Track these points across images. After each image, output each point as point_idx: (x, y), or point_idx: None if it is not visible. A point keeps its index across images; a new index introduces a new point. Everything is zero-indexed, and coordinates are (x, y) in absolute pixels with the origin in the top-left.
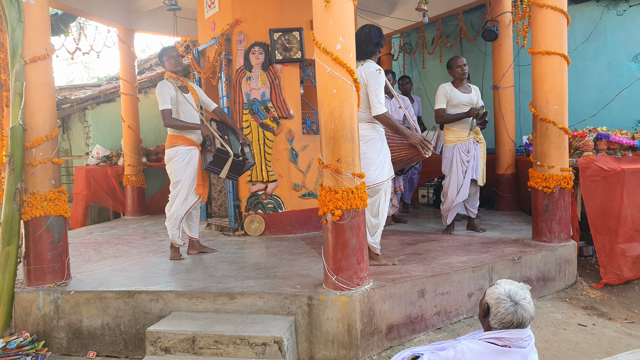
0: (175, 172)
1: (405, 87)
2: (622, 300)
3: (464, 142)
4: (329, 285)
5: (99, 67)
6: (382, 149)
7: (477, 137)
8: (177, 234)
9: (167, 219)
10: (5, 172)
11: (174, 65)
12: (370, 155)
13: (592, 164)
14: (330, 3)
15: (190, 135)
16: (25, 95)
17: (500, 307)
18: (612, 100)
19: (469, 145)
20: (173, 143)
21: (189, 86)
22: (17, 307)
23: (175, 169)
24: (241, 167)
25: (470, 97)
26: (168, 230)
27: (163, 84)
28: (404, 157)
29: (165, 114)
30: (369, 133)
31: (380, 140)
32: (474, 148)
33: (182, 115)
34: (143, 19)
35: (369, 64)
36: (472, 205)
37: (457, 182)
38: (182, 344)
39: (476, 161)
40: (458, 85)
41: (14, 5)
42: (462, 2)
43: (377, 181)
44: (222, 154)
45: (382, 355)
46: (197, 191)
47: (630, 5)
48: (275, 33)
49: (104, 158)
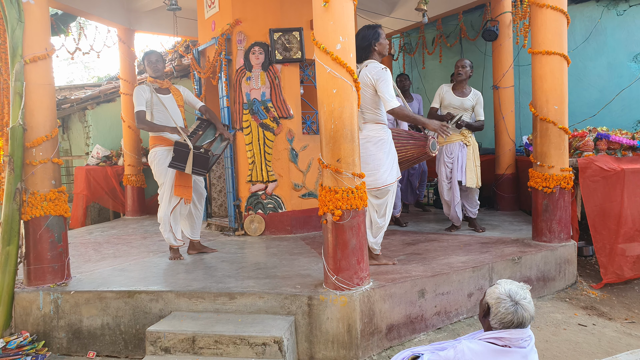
0: (157, 174)
1: (403, 83)
2: (622, 300)
3: (449, 143)
4: (329, 285)
5: (99, 67)
6: (391, 150)
7: (465, 140)
8: (171, 236)
9: (159, 223)
10: (5, 172)
11: (153, 71)
12: (380, 156)
13: (592, 164)
14: (329, 3)
15: (169, 136)
16: (25, 95)
17: (501, 307)
18: (612, 100)
19: (453, 147)
20: (152, 144)
21: (172, 88)
22: (17, 307)
23: (157, 171)
24: (206, 161)
25: (462, 102)
26: (162, 234)
27: (138, 88)
28: (411, 156)
29: (138, 115)
30: (378, 134)
31: (389, 141)
32: (458, 150)
33: (156, 116)
34: (143, 19)
35: (373, 64)
36: (471, 205)
37: (443, 183)
38: (182, 344)
39: (460, 163)
40: (456, 87)
41: (14, 5)
42: (462, 2)
43: (387, 182)
44: (181, 148)
45: (382, 355)
46: (175, 192)
47: (630, 5)
48: (275, 33)
49: (104, 158)
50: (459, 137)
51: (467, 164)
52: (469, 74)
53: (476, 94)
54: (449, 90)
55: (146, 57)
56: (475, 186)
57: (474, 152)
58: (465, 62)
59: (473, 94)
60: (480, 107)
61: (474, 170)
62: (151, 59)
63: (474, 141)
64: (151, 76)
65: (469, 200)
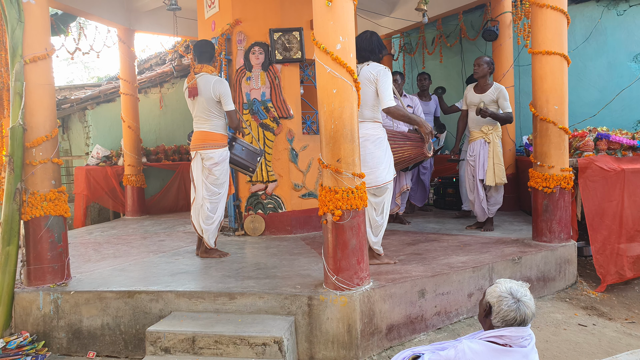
0: (225, 173)
1: (422, 83)
2: (622, 300)
3: (472, 142)
4: (329, 285)
5: (99, 67)
6: (388, 148)
7: (487, 137)
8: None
9: (212, 223)
10: (5, 172)
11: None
12: (378, 154)
13: (592, 164)
14: (333, 3)
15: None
16: (25, 95)
17: (503, 305)
18: (612, 100)
19: (474, 145)
20: (223, 143)
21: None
22: (17, 307)
23: (226, 169)
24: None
25: (481, 97)
26: (211, 236)
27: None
28: (407, 157)
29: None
30: (376, 132)
31: (385, 139)
32: (480, 148)
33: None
34: (143, 19)
35: (374, 63)
36: (490, 203)
37: (467, 181)
38: (182, 344)
39: (481, 161)
40: (477, 85)
41: (14, 5)
42: (462, 2)
43: (386, 180)
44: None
45: (382, 355)
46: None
47: (630, 5)
48: (275, 33)
49: (104, 158)
50: (480, 135)
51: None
52: (487, 71)
53: (497, 88)
54: (471, 89)
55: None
56: (495, 184)
57: (494, 150)
58: (481, 60)
59: (493, 89)
60: (504, 100)
61: (493, 169)
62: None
63: (494, 139)
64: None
65: (489, 198)
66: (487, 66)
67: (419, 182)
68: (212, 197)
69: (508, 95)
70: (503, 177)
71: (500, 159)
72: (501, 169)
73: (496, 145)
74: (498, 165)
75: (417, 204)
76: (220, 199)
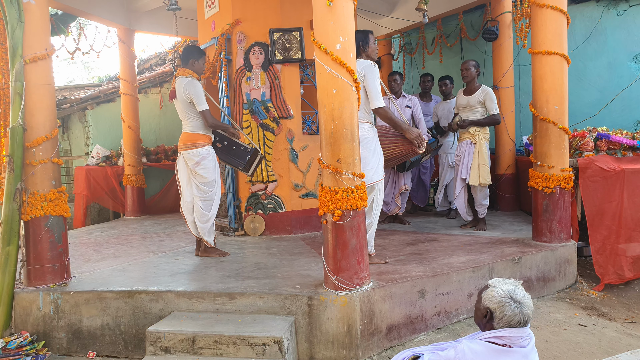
0: (211, 171)
1: (425, 84)
2: (622, 300)
3: (460, 142)
4: (329, 285)
5: (99, 67)
6: (377, 148)
7: (473, 139)
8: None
9: (207, 221)
10: (5, 172)
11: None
12: (365, 154)
13: (592, 164)
14: (334, 3)
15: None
16: (25, 95)
17: (506, 310)
18: (612, 100)
19: (461, 145)
20: (202, 143)
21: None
22: (17, 307)
23: (211, 167)
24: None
25: (468, 100)
26: (209, 234)
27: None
28: (399, 153)
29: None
30: (364, 132)
31: (375, 139)
32: (466, 148)
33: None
34: (143, 19)
35: (360, 60)
36: (475, 203)
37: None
38: (182, 344)
39: (465, 160)
40: (466, 88)
41: (14, 5)
42: (462, 2)
43: (372, 180)
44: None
45: (382, 355)
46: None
47: (630, 5)
48: (275, 33)
49: (104, 158)
50: (467, 136)
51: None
52: (474, 74)
53: (484, 90)
54: (460, 92)
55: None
56: (479, 184)
57: (479, 151)
58: (467, 64)
59: (480, 91)
60: (490, 102)
61: (478, 169)
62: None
63: (480, 140)
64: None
65: (474, 199)
66: (474, 69)
67: (420, 182)
68: (204, 195)
69: (495, 97)
70: (487, 178)
71: (486, 160)
72: (486, 170)
73: (482, 147)
74: (483, 166)
75: (419, 204)
76: (213, 197)
